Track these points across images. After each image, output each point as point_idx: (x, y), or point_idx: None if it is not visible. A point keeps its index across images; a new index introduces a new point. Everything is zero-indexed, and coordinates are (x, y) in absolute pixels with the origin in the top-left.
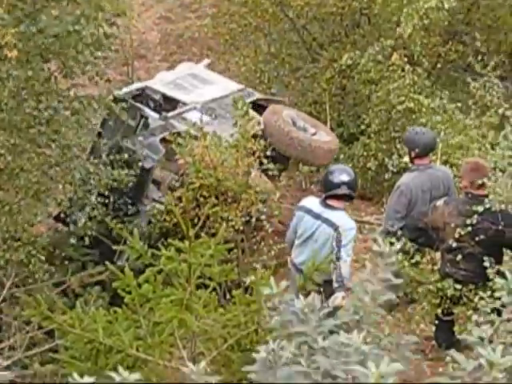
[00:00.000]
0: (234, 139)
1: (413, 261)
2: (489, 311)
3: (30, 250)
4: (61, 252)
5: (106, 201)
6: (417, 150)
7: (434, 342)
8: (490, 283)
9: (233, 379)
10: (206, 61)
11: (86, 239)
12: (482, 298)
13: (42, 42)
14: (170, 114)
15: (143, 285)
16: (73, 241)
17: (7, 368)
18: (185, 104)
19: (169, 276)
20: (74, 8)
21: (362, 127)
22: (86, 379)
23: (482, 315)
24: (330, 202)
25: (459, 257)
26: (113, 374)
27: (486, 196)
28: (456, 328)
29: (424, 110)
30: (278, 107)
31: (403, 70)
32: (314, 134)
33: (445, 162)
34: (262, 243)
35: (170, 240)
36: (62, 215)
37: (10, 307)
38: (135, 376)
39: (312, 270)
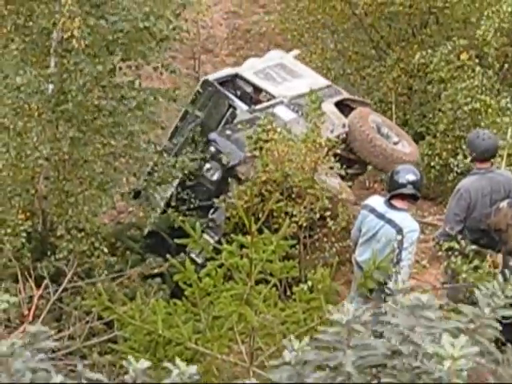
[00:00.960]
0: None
1: (472, 265)
2: None
3: (93, 242)
4: (122, 243)
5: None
6: (474, 154)
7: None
8: None
9: None
10: (296, 51)
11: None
12: None
13: (112, 36)
14: (259, 106)
15: (204, 278)
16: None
17: (66, 357)
18: (273, 97)
19: (230, 271)
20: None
21: (428, 127)
22: (142, 363)
23: None
24: (395, 201)
25: None
26: (170, 366)
27: None
28: None
29: (490, 110)
30: (365, 111)
31: (473, 71)
32: (397, 143)
33: None
34: (325, 240)
35: (232, 235)
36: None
37: (70, 297)
38: (193, 369)
39: (372, 269)
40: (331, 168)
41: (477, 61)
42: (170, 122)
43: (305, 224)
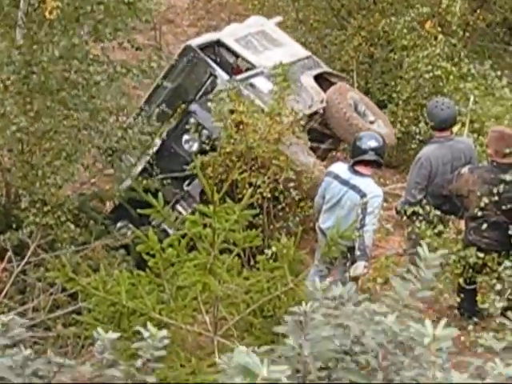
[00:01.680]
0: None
1: (436, 230)
2: None
3: (59, 215)
4: (85, 214)
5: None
6: (433, 123)
7: (456, 311)
8: None
9: (255, 344)
10: (278, 18)
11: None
12: (506, 268)
13: (90, 7)
14: (239, 76)
15: (167, 249)
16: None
17: (30, 329)
18: (253, 66)
19: (193, 240)
20: None
21: (391, 95)
22: (110, 334)
23: (505, 284)
24: (358, 168)
25: (484, 225)
26: (141, 329)
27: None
28: (479, 297)
29: (451, 77)
30: (343, 87)
31: (436, 39)
32: (373, 123)
33: (477, 131)
34: (288, 210)
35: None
36: None
37: (34, 269)
38: (163, 332)
39: (336, 237)
40: (298, 138)
41: (439, 29)
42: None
43: (269, 194)
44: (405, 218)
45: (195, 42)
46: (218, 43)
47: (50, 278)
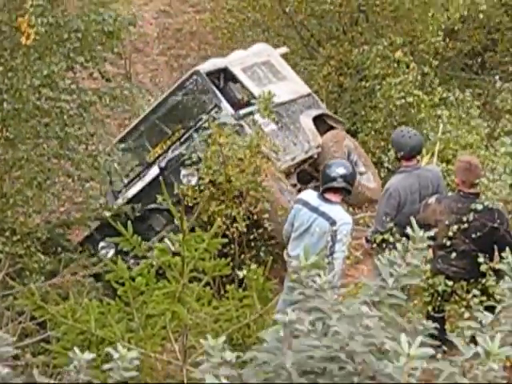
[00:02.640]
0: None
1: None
2: (481, 309)
3: (29, 245)
4: (54, 242)
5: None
6: (402, 153)
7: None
8: (483, 280)
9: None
10: (284, 49)
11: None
12: (474, 296)
13: (67, 35)
14: (243, 111)
15: (136, 277)
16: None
17: None
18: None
19: (163, 269)
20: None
21: (360, 124)
22: (86, 355)
23: (473, 312)
24: (328, 195)
25: (452, 254)
26: (111, 350)
27: (478, 195)
28: (447, 326)
29: (423, 105)
30: (340, 135)
31: (408, 67)
32: (362, 174)
33: (449, 160)
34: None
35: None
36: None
37: (3, 298)
38: (133, 353)
39: (305, 264)
40: (279, 178)
41: (411, 57)
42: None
43: (244, 229)
44: (374, 245)
45: (204, 67)
46: (225, 71)
47: (18, 307)
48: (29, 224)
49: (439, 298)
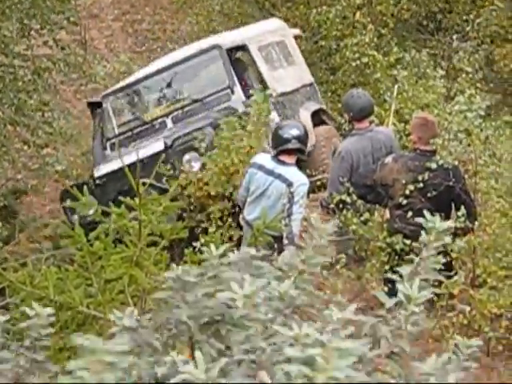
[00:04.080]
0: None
1: (362, 218)
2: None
3: None
4: (10, 209)
5: None
6: (352, 114)
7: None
8: None
9: None
10: (297, 31)
11: None
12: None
13: None
14: (253, 98)
15: (94, 242)
16: None
17: None
18: (265, 86)
19: (120, 234)
20: None
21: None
22: (1, 317)
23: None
24: (282, 157)
25: (409, 213)
26: (27, 309)
27: (435, 152)
28: None
29: (378, 65)
30: (332, 132)
31: (365, 28)
32: None
33: (406, 120)
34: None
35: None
36: None
37: None
38: (48, 310)
39: (263, 227)
40: None
41: (368, 19)
42: None
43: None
44: (332, 206)
45: (224, 42)
46: (243, 48)
47: None
48: None
49: (396, 258)
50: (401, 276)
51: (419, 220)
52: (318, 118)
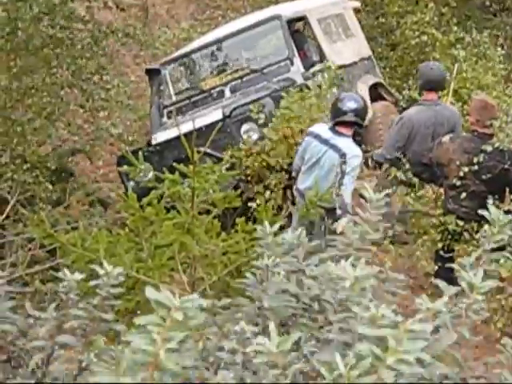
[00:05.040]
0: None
1: (418, 194)
2: (489, 248)
3: (38, 175)
4: (63, 170)
5: None
6: (420, 82)
7: (433, 279)
8: None
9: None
10: (357, 3)
11: None
12: (483, 237)
13: None
14: (312, 70)
15: (146, 207)
16: None
17: (8, 284)
18: (323, 57)
19: (172, 200)
20: None
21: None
22: (76, 275)
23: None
24: (339, 128)
25: (462, 195)
26: (96, 267)
27: (492, 135)
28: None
29: (438, 44)
30: (390, 109)
31: (426, 6)
32: None
33: (464, 100)
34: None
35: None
36: None
37: (13, 224)
38: (118, 270)
39: (315, 199)
40: None
41: None
42: None
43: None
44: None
45: (285, 13)
46: (303, 19)
47: (28, 234)
48: (40, 153)
49: (449, 237)
50: (462, 264)
51: (473, 204)
52: (375, 92)
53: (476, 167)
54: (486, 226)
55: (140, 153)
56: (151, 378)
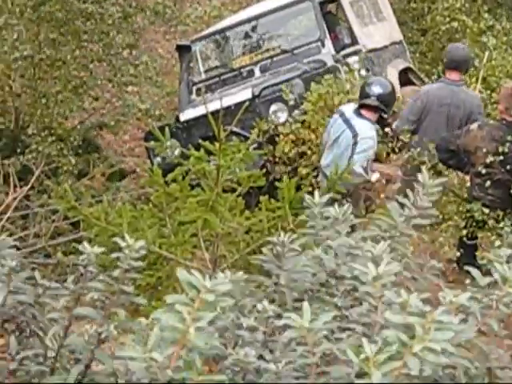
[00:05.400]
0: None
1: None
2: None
3: (62, 147)
4: (89, 143)
5: None
6: (444, 60)
7: (455, 265)
8: None
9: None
10: None
11: None
12: (506, 226)
13: None
14: (343, 52)
15: (171, 183)
16: None
17: (30, 255)
18: (354, 41)
19: (197, 177)
20: None
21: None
22: (95, 249)
23: (504, 241)
24: (362, 111)
25: (488, 183)
26: (118, 240)
27: None
28: (478, 253)
29: (468, 31)
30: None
31: None
32: None
33: (492, 88)
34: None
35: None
36: None
37: (37, 195)
38: (141, 243)
39: (335, 178)
40: None
41: None
42: None
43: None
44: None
45: None
46: (336, 1)
47: (52, 205)
48: (66, 126)
49: (473, 224)
50: (498, 255)
51: (498, 192)
52: (405, 77)
53: (502, 156)
54: None
55: (167, 129)
56: (179, 355)
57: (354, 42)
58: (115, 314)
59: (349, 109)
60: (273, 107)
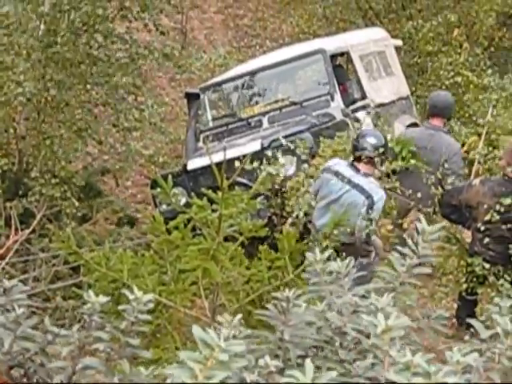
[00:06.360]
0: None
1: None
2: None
3: (66, 190)
4: (91, 188)
5: None
6: (428, 107)
7: (454, 320)
8: None
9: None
10: (399, 42)
11: None
12: (506, 281)
13: None
14: (352, 107)
15: (173, 231)
16: None
17: (29, 298)
18: (364, 95)
19: (199, 225)
20: None
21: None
22: (100, 298)
23: (503, 298)
24: (358, 165)
25: (486, 240)
26: (127, 292)
27: None
28: (478, 309)
29: (472, 86)
30: None
31: (461, 47)
32: None
33: (493, 144)
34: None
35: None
36: None
37: (38, 239)
38: (149, 296)
39: (332, 228)
40: None
41: (465, 37)
42: None
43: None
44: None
45: (329, 48)
46: (346, 54)
47: (53, 250)
48: (69, 169)
49: (474, 280)
50: (498, 306)
51: (499, 248)
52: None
53: (503, 212)
54: None
55: (169, 177)
56: None
57: (363, 96)
58: (119, 364)
59: (341, 166)
60: (282, 160)
